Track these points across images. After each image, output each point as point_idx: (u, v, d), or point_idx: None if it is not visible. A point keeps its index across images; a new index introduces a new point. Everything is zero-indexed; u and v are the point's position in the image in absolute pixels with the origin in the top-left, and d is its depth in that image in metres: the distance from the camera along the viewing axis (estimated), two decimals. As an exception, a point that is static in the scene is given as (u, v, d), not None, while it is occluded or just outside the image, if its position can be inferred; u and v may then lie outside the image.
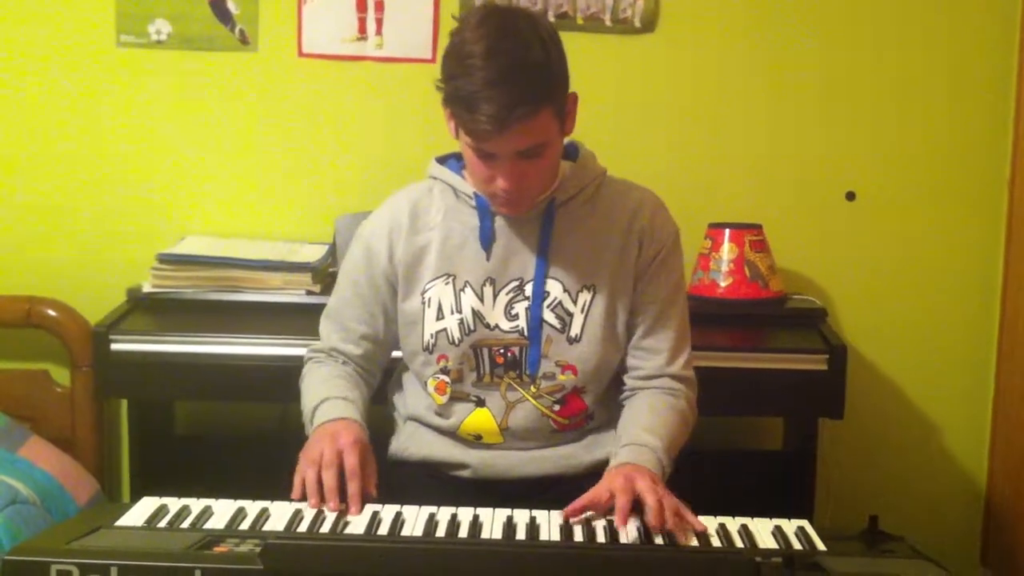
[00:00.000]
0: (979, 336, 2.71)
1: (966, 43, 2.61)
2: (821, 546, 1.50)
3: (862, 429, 2.69)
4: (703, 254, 2.50)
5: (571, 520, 1.57)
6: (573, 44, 1.73)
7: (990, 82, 2.62)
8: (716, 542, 1.51)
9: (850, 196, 2.67)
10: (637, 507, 1.56)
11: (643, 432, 1.72)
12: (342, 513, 1.59)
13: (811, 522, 1.58)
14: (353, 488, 1.62)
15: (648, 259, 1.82)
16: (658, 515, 1.52)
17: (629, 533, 1.52)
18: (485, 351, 1.80)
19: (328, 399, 1.77)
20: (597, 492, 1.60)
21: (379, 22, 2.59)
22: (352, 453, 1.65)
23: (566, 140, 1.81)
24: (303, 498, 1.62)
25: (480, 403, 1.81)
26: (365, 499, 1.63)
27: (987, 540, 2.75)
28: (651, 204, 1.85)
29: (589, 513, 1.59)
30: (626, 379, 1.86)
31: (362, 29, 2.60)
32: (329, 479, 1.61)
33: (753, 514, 1.60)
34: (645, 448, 1.69)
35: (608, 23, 2.59)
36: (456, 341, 1.79)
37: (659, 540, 1.51)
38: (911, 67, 2.63)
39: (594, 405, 1.83)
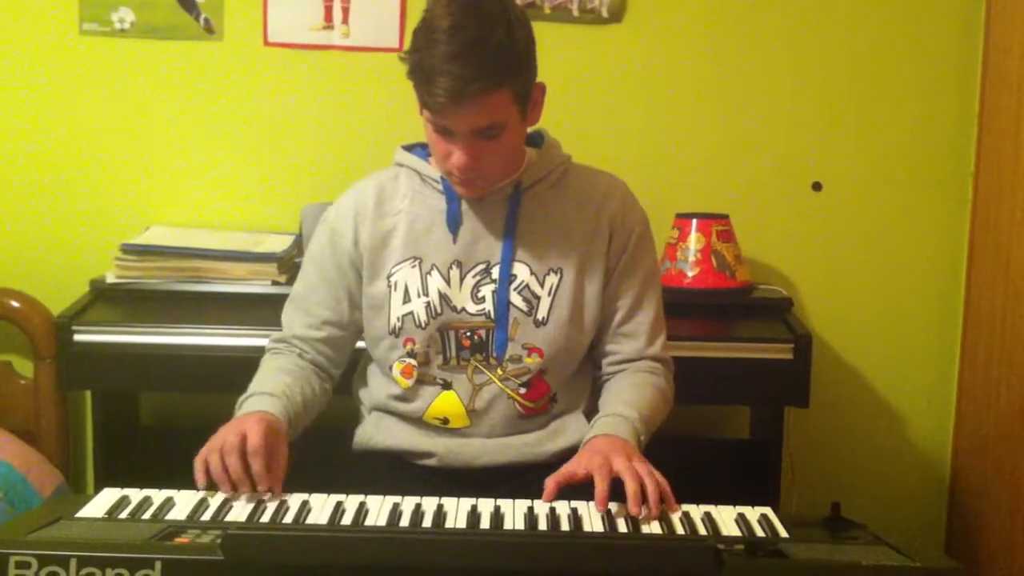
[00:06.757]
0: (943, 325, 2.73)
1: (932, 35, 2.63)
2: (784, 533, 1.50)
3: (827, 418, 2.71)
4: (670, 244, 2.51)
5: (547, 500, 1.57)
6: (540, 34, 1.73)
7: (955, 75, 2.64)
8: (679, 529, 1.52)
9: (816, 187, 2.68)
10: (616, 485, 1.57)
11: (621, 404, 1.74)
12: (304, 503, 1.57)
13: (776, 509, 1.58)
14: (257, 466, 1.57)
15: (621, 246, 1.83)
16: (637, 504, 1.52)
17: (593, 519, 1.53)
18: (452, 334, 1.80)
19: (257, 394, 1.74)
20: (572, 468, 1.61)
21: (345, 11, 2.57)
22: (255, 433, 1.59)
23: (531, 129, 1.81)
24: (209, 487, 1.59)
25: (447, 386, 1.81)
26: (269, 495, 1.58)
27: (951, 527, 2.78)
28: (620, 190, 1.86)
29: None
30: (604, 364, 1.88)
31: (328, 18, 2.58)
32: (232, 463, 1.57)
33: (720, 502, 1.60)
34: (621, 418, 1.71)
35: (575, 13, 2.59)
36: (423, 324, 1.79)
37: (623, 527, 1.51)
38: (877, 59, 2.64)
39: (557, 387, 1.83)
